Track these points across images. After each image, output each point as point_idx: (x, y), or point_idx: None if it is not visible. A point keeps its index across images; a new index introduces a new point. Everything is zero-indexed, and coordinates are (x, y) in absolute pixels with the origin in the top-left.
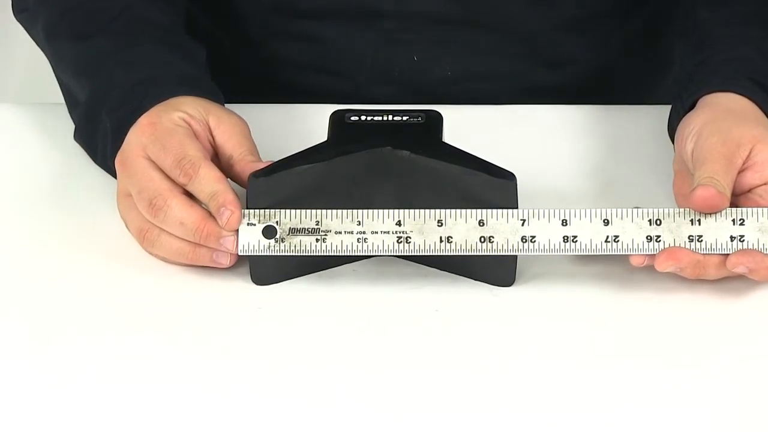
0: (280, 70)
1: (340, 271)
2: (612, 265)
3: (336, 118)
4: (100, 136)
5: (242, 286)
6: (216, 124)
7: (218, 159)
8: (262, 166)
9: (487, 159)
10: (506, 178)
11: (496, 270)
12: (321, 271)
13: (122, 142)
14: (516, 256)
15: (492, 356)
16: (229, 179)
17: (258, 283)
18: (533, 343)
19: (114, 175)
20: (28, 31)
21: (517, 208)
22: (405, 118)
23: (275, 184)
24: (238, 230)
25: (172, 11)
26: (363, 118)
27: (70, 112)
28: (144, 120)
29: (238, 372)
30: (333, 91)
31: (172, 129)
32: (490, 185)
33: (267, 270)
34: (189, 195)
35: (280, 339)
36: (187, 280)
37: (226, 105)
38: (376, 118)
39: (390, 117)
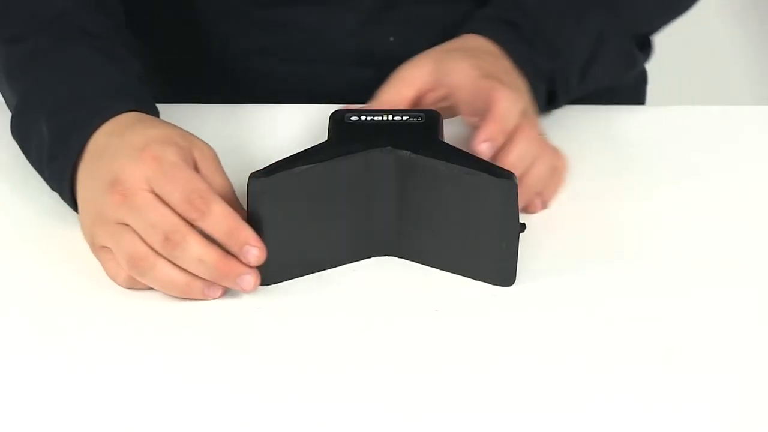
0: (256, 61)
1: (340, 271)
2: (613, 266)
3: (336, 118)
4: (35, 139)
5: None
6: (200, 156)
7: None
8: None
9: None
10: (506, 177)
11: (496, 270)
12: (321, 271)
13: (65, 149)
14: (516, 256)
15: (492, 356)
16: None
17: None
18: (533, 344)
19: (45, 179)
20: None
21: (517, 207)
22: (405, 117)
23: (275, 184)
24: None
25: (110, 24)
26: (363, 117)
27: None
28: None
29: (238, 372)
30: (312, 77)
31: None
32: (491, 185)
33: (267, 270)
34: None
35: (279, 339)
36: None
37: (227, 104)
38: (375, 118)
39: (390, 117)
